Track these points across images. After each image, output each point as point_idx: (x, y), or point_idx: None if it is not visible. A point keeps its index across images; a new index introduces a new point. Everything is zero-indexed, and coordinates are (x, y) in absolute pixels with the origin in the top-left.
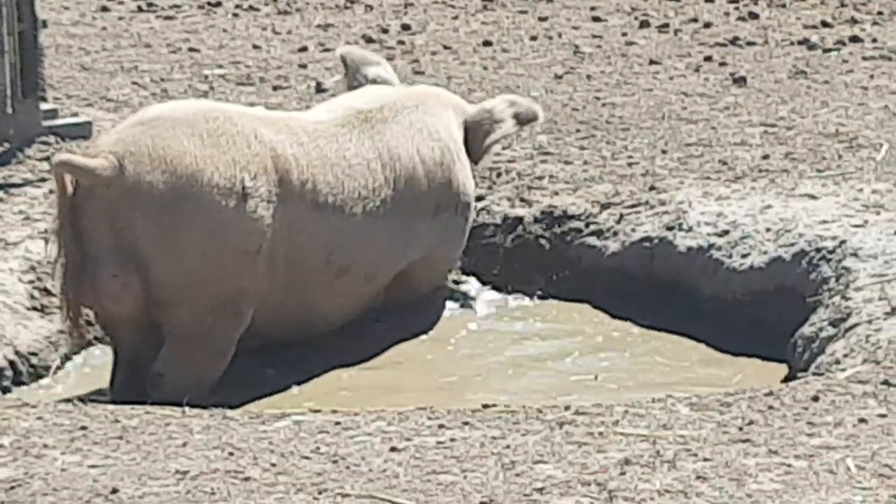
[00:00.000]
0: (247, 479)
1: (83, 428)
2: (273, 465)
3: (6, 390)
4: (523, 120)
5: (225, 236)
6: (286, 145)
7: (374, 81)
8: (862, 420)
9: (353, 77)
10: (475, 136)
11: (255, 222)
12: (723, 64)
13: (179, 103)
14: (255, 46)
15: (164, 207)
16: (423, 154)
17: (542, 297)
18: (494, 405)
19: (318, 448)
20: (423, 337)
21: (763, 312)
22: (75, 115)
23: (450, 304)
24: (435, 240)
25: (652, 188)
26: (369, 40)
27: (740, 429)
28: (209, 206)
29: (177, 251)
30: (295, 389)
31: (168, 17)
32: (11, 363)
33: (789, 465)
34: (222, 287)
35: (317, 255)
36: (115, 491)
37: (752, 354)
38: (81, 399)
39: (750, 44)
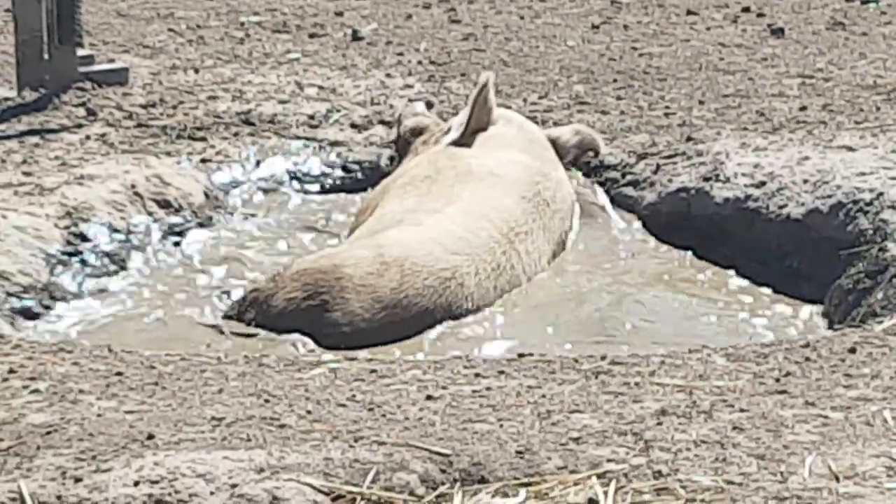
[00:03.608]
0: (282, 426)
1: (119, 374)
2: (309, 412)
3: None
4: (584, 148)
5: None
6: None
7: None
8: None
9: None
10: None
11: None
12: (760, 15)
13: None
14: None
15: None
16: (570, 214)
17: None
18: (531, 354)
19: (353, 396)
20: None
21: (800, 264)
22: (112, 61)
23: None
24: None
25: (689, 139)
26: None
27: (777, 380)
28: None
29: None
30: None
31: None
32: (47, 308)
33: (826, 417)
34: None
35: None
36: (150, 437)
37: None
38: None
39: None
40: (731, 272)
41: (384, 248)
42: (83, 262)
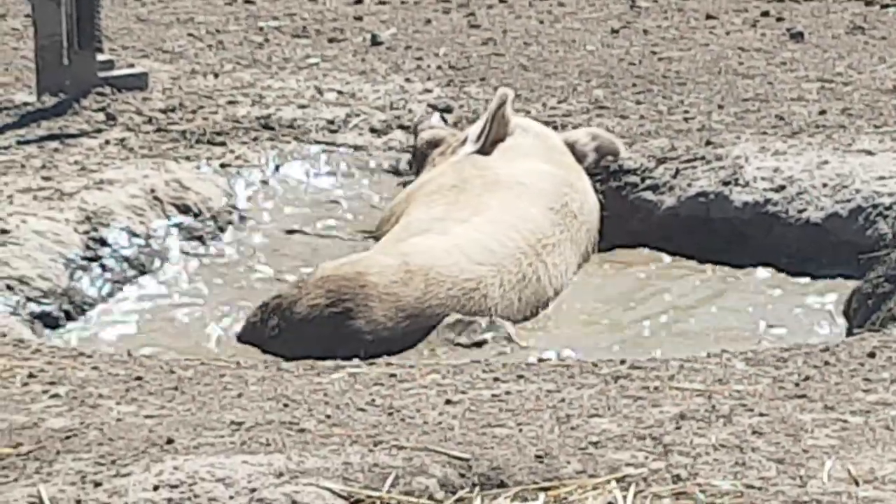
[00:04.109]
0: (302, 430)
1: (139, 378)
2: (328, 416)
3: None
4: (603, 152)
5: None
6: None
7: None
8: None
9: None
10: None
11: None
12: (780, 19)
13: None
14: None
15: None
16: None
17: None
18: (549, 359)
19: (373, 400)
20: None
21: (819, 268)
22: (131, 66)
23: None
24: None
25: (708, 143)
26: None
27: (796, 384)
28: None
29: None
30: None
31: None
32: (66, 313)
33: (845, 421)
34: None
35: None
36: (170, 441)
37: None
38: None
39: None
40: None
41: (409, 256)
42: (103, 267)
